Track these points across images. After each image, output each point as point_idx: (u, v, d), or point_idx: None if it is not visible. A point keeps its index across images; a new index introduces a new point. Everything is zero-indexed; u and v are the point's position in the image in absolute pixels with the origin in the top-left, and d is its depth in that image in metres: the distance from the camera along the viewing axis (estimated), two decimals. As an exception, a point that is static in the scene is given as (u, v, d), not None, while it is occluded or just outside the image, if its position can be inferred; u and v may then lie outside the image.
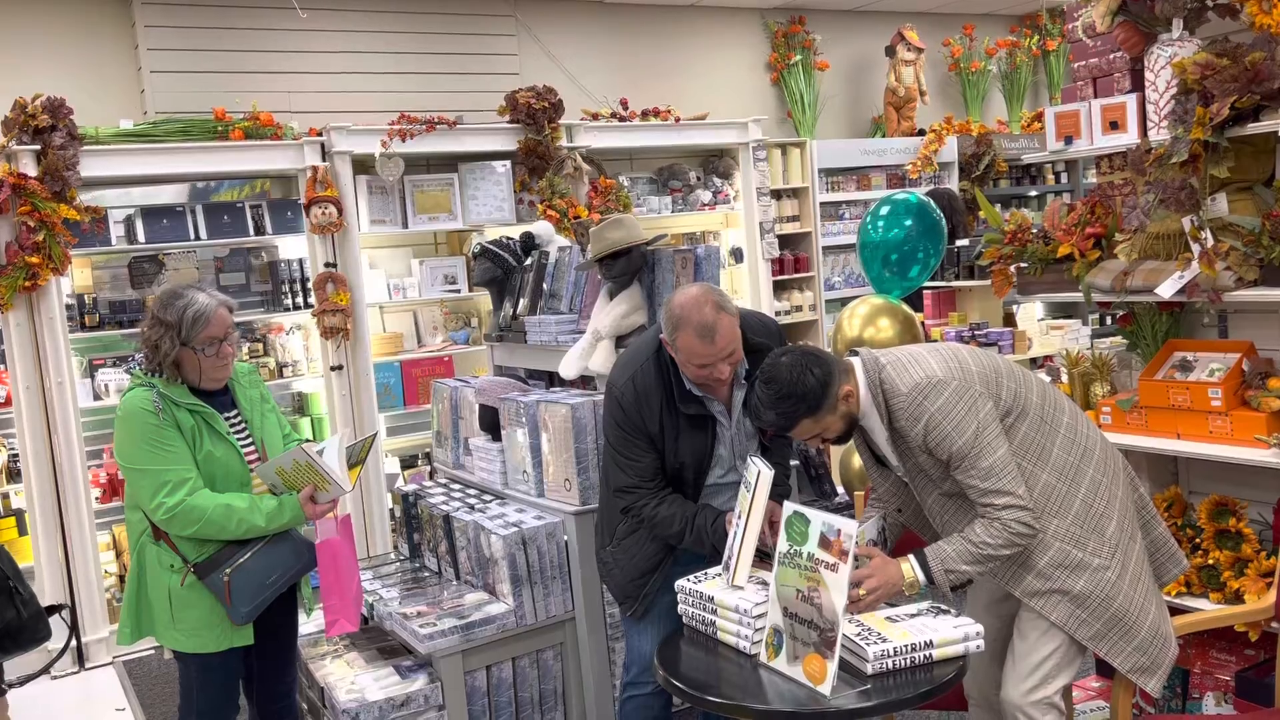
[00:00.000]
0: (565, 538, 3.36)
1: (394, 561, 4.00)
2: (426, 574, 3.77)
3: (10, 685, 2.89)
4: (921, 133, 7.78)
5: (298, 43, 5.89)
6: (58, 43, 5.47)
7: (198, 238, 5.23)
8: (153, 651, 4.82)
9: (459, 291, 5.98)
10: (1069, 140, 3.31)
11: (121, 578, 5.10)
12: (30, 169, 4.68)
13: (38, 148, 4.70)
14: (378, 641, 3.59)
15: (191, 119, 5.23)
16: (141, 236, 5.12)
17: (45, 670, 3.00)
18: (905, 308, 3.61)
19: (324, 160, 5.35)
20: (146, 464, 2.69)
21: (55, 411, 4.73)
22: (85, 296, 5.07)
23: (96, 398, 5.06)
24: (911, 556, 2.37)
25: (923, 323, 4.84)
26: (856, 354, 2.47)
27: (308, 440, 3.05)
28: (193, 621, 2.75)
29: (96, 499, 4.99)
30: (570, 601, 3.37)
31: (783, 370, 2.33)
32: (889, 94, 7.81)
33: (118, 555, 5.16)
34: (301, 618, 3.17)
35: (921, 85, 7.81)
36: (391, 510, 5.36)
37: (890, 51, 7.76)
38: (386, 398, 5.68)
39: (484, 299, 6.03)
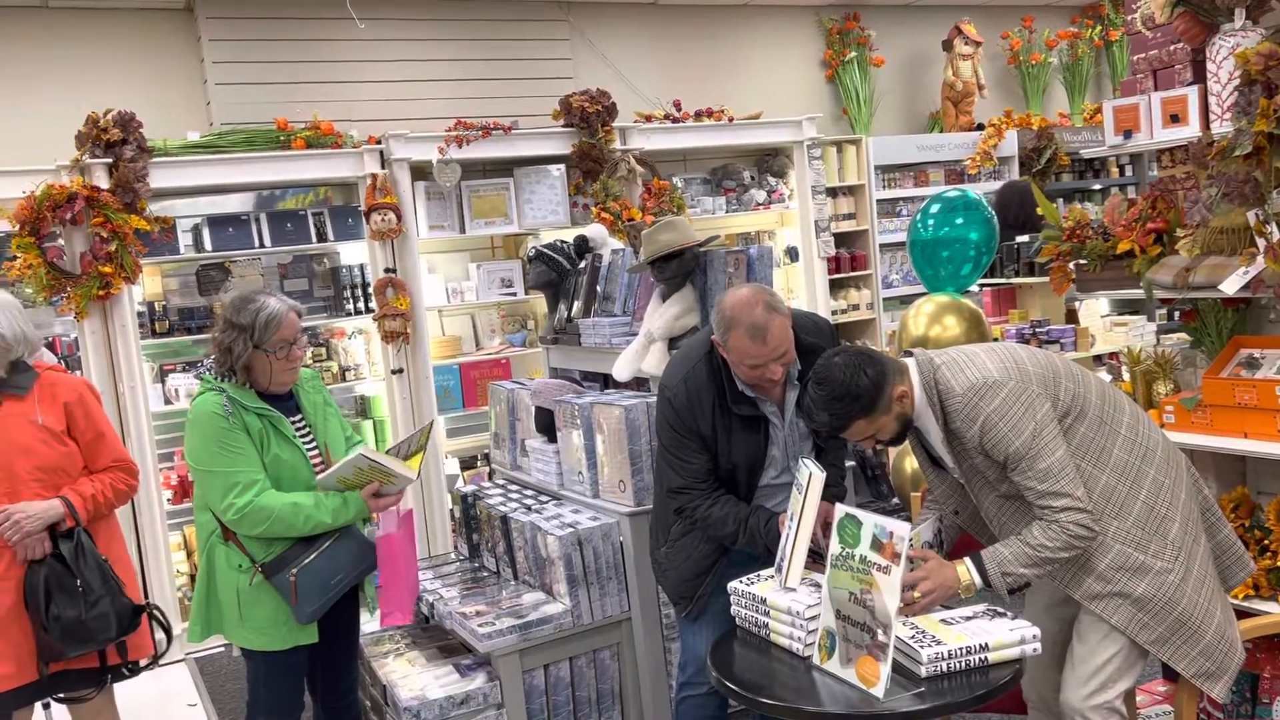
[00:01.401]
0: (620, 538, 3.38)
1: (454, 561, 4.06)
2: (485, 574, 3.83)
3: (125, 674, 3.01)
4: (980, 127, 7.67)
5: (356, 53, 6.01)
6: (126, 58, 5.65)
7: (262, 245, 5.37)
8: (222, 649, 4.95)
9: (515, 294, 6.04)
10: (1128, 134, 3.24)
11: (192, 577, 5.24)
12: (102, 181, 4.85)
13: (109, 161, 4.86)
14: (438, 640, 3.65)
15: (255, 129, 5.38)
16: (209, 245, 5.27)
17: (152, 663, 3.11)
18: (971, 305, 3.57)
19: (383, 168, 5.45)
20: (216, 465, 2.78)
21: (128, 415, 4.89)
22: (155, 304, 5.23)
23: (167, 402, 5.22)
24: (967, 559, 2.35)
25: (982, 320, 4.77)
26: (911, 354, 2.46)
27: (362, 443, 3.14)
28: (260, 620, 2.83)
29: (168, 500, 5.15)
30: (626, 602, 3.40)
31: (836, 371, 2.33)
32: (946, 88, 7.71)
33: (188, 555, 5.31)
34: (364, 617, 3.24)
35: (980, 79, 7.70)
36: (451, 511, 5.46)
37: (947, 46, 7.67)
38: (446, 400, 5.77)
39: (539, 301, 6.09)
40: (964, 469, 2.47)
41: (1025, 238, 5.64)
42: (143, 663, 3.09)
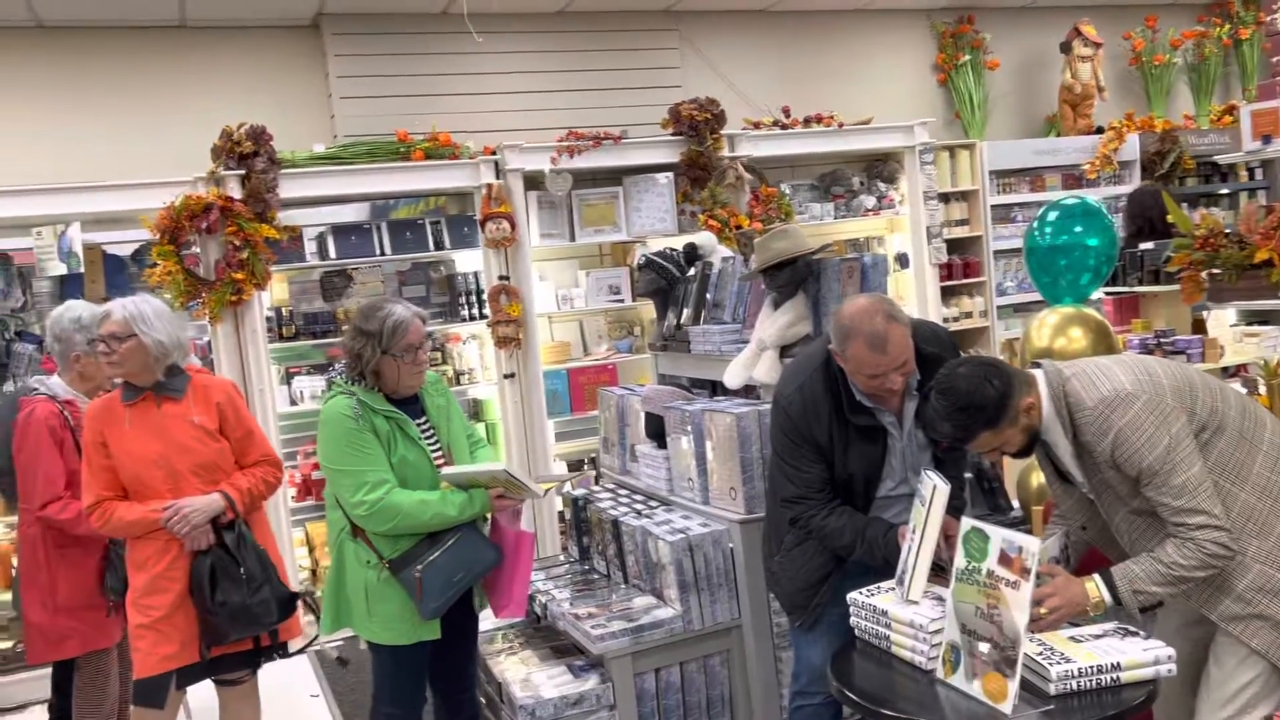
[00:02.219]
0: (731, 545, 3.39)
1: (564, 563, 4.12)
2: (596, 576, 3.88)
3: (283, 655, 3.22)
4: (1100, 130, 7.44)
5: (473, 66, 6.17)
6: (257, 74, 5.93)
7: (383, 253, 5.56)
8: (343, 642, 5.13)
9: (622, 301, 6.11)
10: (1267, 139, 3.12)
11: (314, 571, 5.46)
12: (236, 192, 5.09)
13: (242, 172, 5.10)
14: (550, 640, 3.71)
15: (376, 141, 5.57)
16: (332, 253, 5.48)
17: (306, 648, 3.35)
18: (1098, 316, 3.46)
19: (498, 178, 5.58)
20: (347, 465, 2.90)
21: (257, 416, 5.10)
22: (283, 309, 5.46)
23: (292, 403, 5.44)
24: (1097, 576, 2.29)
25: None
26: (1039, 365, 2.41)
27: (483, 444, 3.27)
28: (387, 615, 2.94)
29: (292, 497, 5.36)
30: (737, 609, 3.40)
31: (960, 381, 2.30)
32: (1064, 91, 7.50)
33: (310, 550, 5.52)
34: (485, 613, 3.33)
35: (1099, 81, 7.47)
36: (561, 513, 5.55)
37: (1065, 47, 7.46)
38: (555, 404, 5.86)
39: (646, 308, 6.14)
40: (1093, 483, 2.41)
41: (1150, 245, 5.45)
42: (291, 646, 3.26)
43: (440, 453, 3.08)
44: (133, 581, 3.08)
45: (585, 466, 6.09)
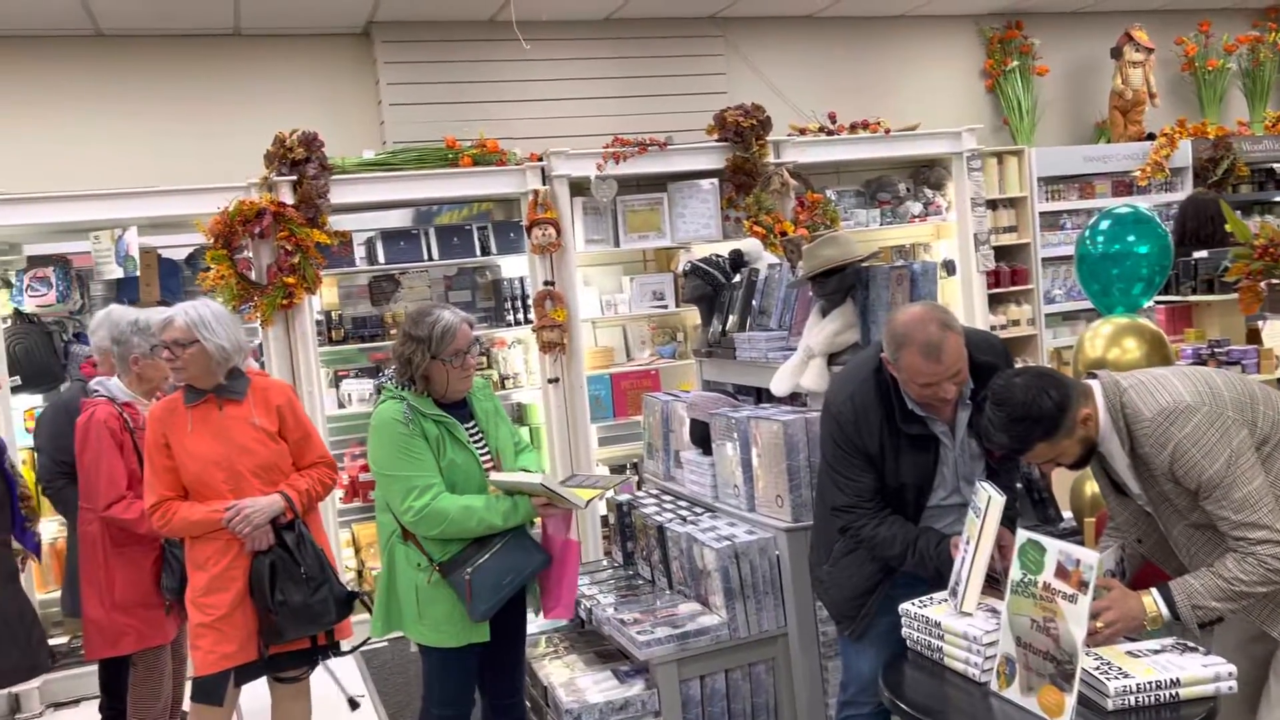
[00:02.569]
0: (777, 553, 3.38)
1: (608, 568, 4.14)
2: (640, 582, 3.88)
3: (331, 654, 3.27)
4: (1151, 137, 7.33)
5: (520, 73, 6.22)
6: (308, 81, 6.02)
7: (430, 258, 5.61)
8: (387, 644, 5.18)
9: (666, 307, 6.12)
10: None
11: (359, 572, 5.52)
12: (287, 198, 5.17)
13: (294, 178, 5.18)
14: (594, 645, 3.73)
15: (425, 147, 5.63)
16: (381, 257, 5.54)
17: (360, 645, 3.39)
18: (1153, 327, 3.41)
19: (544, 184, 5.62)
20: (396, 470, 2.93)
21: (306, 418, 5.18)
22: (332, 313, 5.53)
23: (340, 406, 5.51)
24: (1154, 590, 2.26)
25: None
26: (1095, 376, 2.38)
27: (530, 449, 3.31)
28: (437, 617, 2.97)
29: (340, 499, 5.42)
30: (783, 617, 3.39)
31: (1017, 392, 2.28)
32: (1114, 97, 7.40)
33: (356, 551, 5.58)
34: (532, 617, 3.35)
35: (1151, 87, 7.36)
36: (604, 518, 5.56)
37: (1116, 53, 7.36)
38: (598, 409, 5.88)
39: (689, 314, 6.14)
40: (1151, 496, 2.37)
41: (1204, 253, 5.35)
42: (344, 645, 3.30)
43: (489, 456, 3.11)
44: (192, 581, 3.14)
45: (627, 471, 6.10)
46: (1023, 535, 2.20)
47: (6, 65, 5.52)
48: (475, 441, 3.08)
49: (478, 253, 5.70)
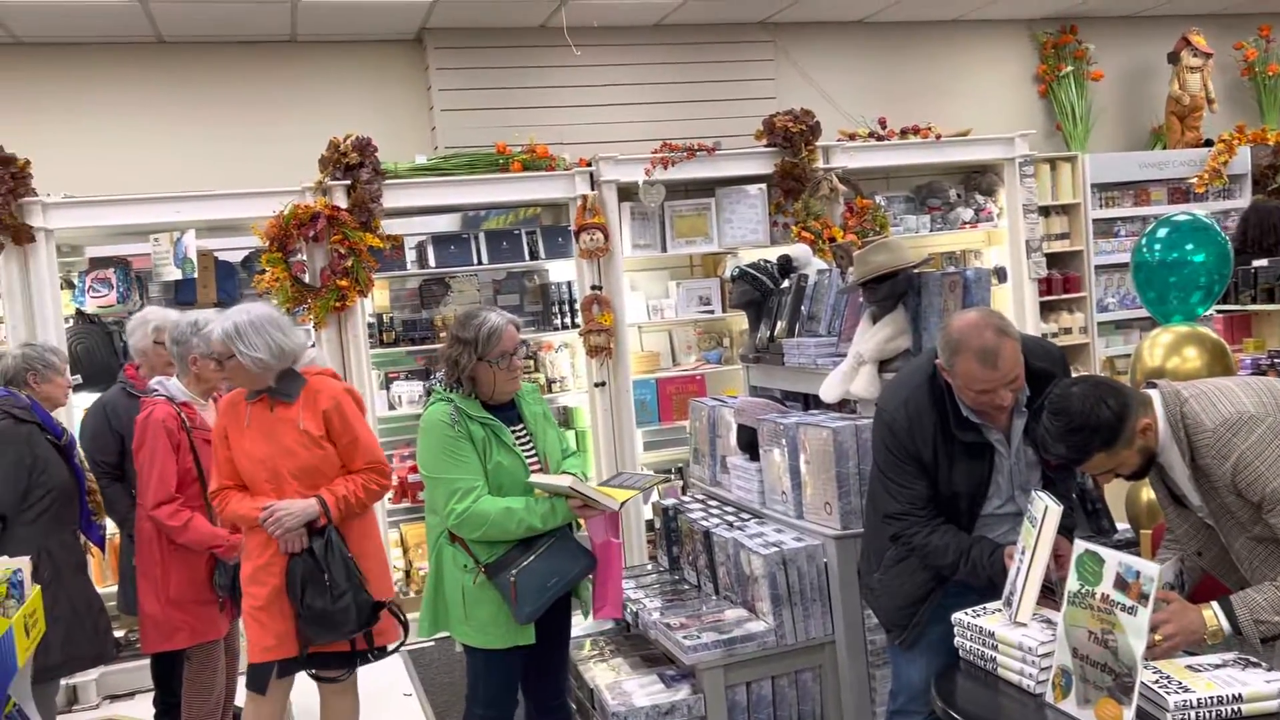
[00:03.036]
0: (825, 560, 3.36)
1: (653, 572, 4.14)
2: (686, 586, 3.88)
3: (371, 658, 3.30)
4: (1209, 143, 7.20)
5: (569, 78, 6.26)
6: (362, 87, 6.10)
7: (479, 262, 5.67)
8: (433, 643, 5.22)
9: (712, 312, 6.12)
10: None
11: (406, 573, 5.57)
12: (341, 202, 5.24)
13: (348, 183, 5.26)
14: (640, 649, 3.73)
15: (476, 153, 5.69)
16: (432, 261, 5.60)
17: (396, 649, 3.41)
18: (1214, 335, 3.34)
19: (592, 189, 5.65)
20: (442, 472, 2.96)
21: (359, 419, 5.25)
22: (383, 316, 5.60)
23: (390, 407, 5.58)
24: (1215, 604, 2.22)
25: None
26: (1154, 385, 2.34)
27: (575, 455, 3.33)
28: (482, 619, 2.99)
29: (389, 500, 5.48)
30: (830, 625, 3.37)
31: (1075, 401, 2.25)
32: (1171, 103, 7.28)
33: (404, 552, 5.64)
34: (576, 620, 3.36)
35: (1209, 92, 7.23)
36: (649, 522, 5.57)
37: (1173, 58, 7.24)
38: (643, 414, 5.90)
39: (736, 319, 6.14)
40: (1212, 508, 2.33)
41: (1264, 261, 5.25)
42: (390, 648, 3.33)
43: (536, 459, 3.13)
44: (244, 569, 3.24)
45: (672, 476, 6.10)
46: (1080, 546, 2.17)
47: (72, 72, 5.67)
48: (522, 444, 3.10)
49: (526, 257, 5.75)
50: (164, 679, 3.94)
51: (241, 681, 3.74)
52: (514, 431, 3.09)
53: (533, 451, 3.13)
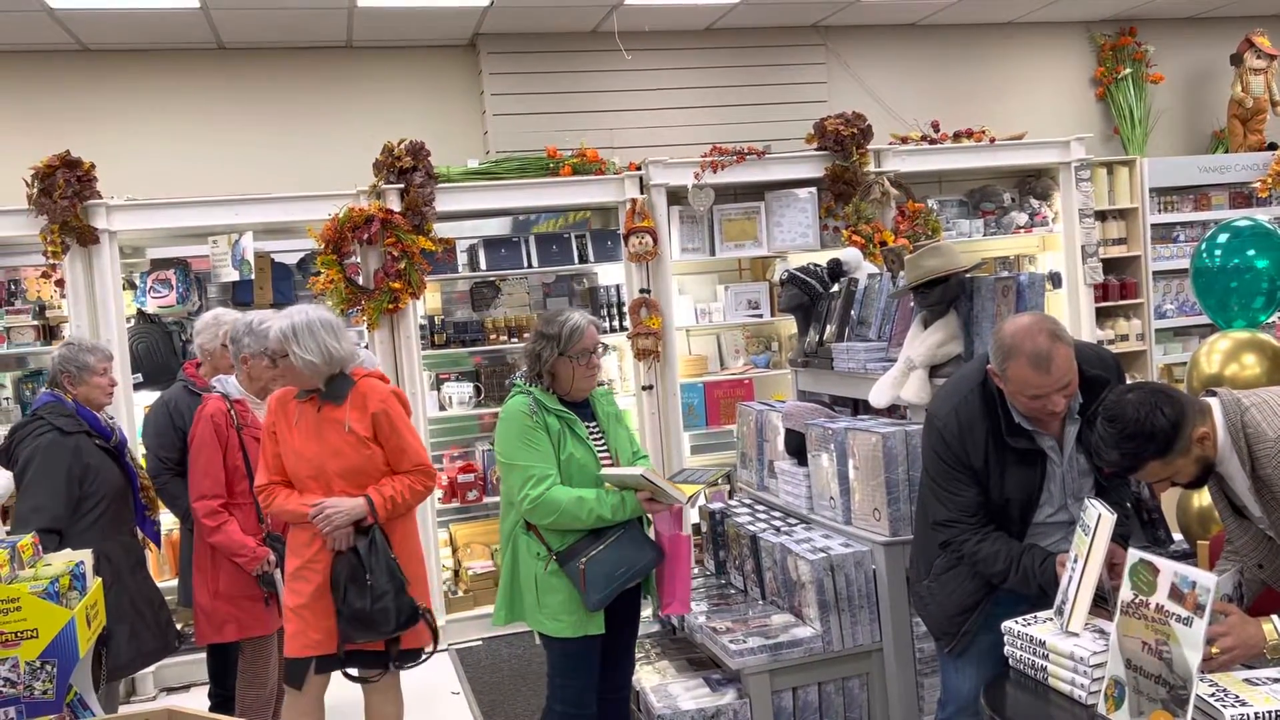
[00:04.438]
0: (874, 567, 3.34)
1: (699, 576, 4.14)
2: (732, 591, 3.88)
3: (412, 663, 3.32)
4: (1273, 147, 7.03)
5: (620, 83, 6.29)
6: (416, 92, 6.19)
7: (530, 265, 5.71)
8: (481, 642, 5.27)
9: (761, 316, 6.10)
10: None
11: (455, 572, 5.63)
12: (395, 205, 5.32)
13: (401, 186, 5.33)
14: (686, 652, 3.74)
15: (527, 157, 5.74)
16: (483, 264, 5.66)
17: (427, 658, 3.38)
18: (1275, 342, 3.27)
19: (641, 193, 5.66)
20: (519, 459, 3.05)
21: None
22: (435, 318, 5.67)
23: (441, 408, 5.64)
24: (1275, 617, 2.17)
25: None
26: (1214, 394, 2.30)
27: (647, 459, 3.37)
28: (555, 606, 3.05)
29: (439, 500, 5.54)
30: (878, 632, 3.36)
31: (1129, 408, 2.21)
32: (1234, 105, 7.11)
33: (453, 551, 5.70)
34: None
35: (1273, 95, 7.07)
36: (696, 525, 5.56)
37: (1236, 60, 7.08)
38: (690, 417, 5.90)
39: (784, 323, 6.12)
40: (1273, 520, 2.28)
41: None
42: (426, 651, 3.35)
43: (607, 454, 3.21)
44: (289, 564, 3.29)
45: (720, 480, 6.08)
46: (1134, 555, 2.14)
47: (135, 78, 5.82)
48: (595, 439, 3.19)
49: (575, 260, 5.78)
50: (218, 673, 4.02)
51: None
52: (588, 427, 3.19)
53: (604, 447, 3.22)
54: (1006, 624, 2.45)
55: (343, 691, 3.38)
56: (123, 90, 5.80)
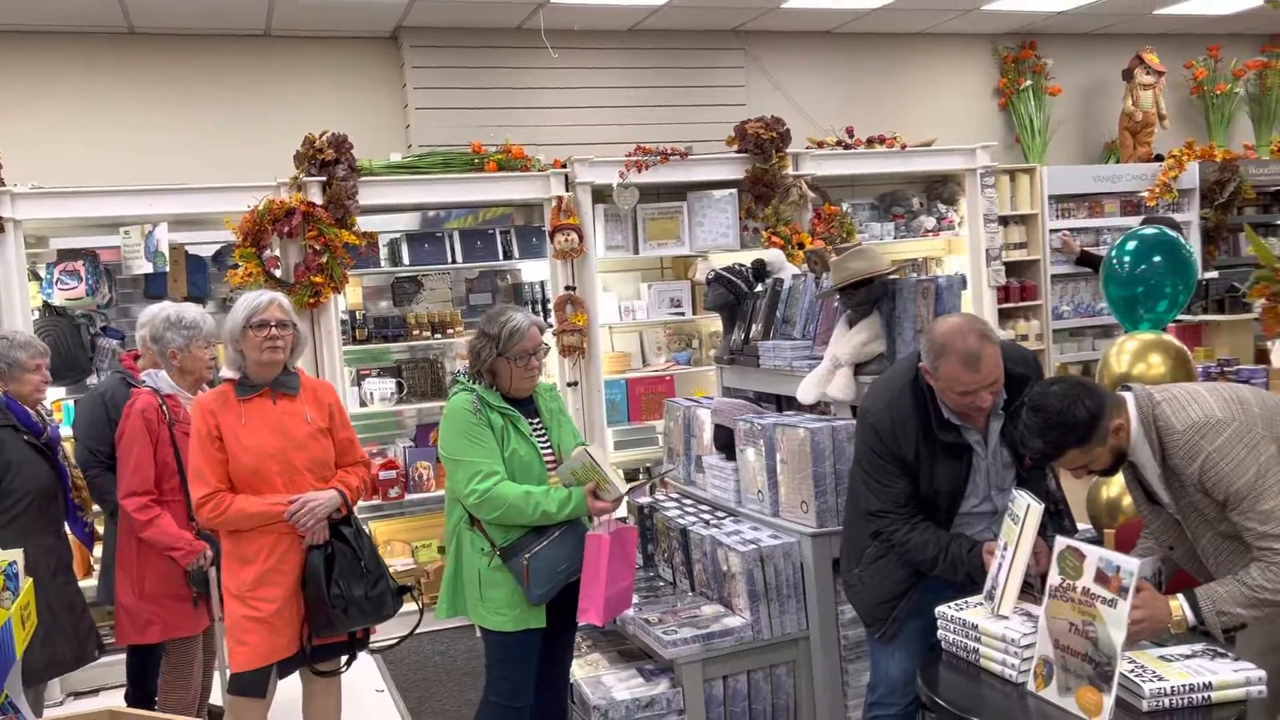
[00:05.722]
0: (801, 558, 3.45)
1: (628, 570, 4.19)
2: (661, 583, 3.95)
3: (381, 648, 3.32)
4: (1159, 158, 7.44)
5: (545, 80, 6.30)
6: (337, 83, 6.09)
7: (453, 261, 5.68)
8: (400, 640, 5.21)
9: (683, 314, 6.19)
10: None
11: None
12: (317, 198, 5.23)
13: (324, 179, 5.24)
14: (617, 644, 3.79)
15: (451, 152, 5.70)
16: (406, 259, 5.60)
17: (407, 638, 3.47)
18: (1178, 343, 3.49)
19: (567, 190, 5.69)
20: (463, 455, 3.04)
21: (330, 416, 5.23)
22: (356, 313, 5.59)
23: (362, 404, 5.56)
24: (1181, 595, 2.34)
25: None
26: (1129, 389, 2.46)
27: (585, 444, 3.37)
28: (497, 600, 3.06)
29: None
30: (805, 621, 3.46)
31: (1053, 399, 2.36)
32: (1125, 118, 7.51)
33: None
34: None
35: (1161, 109, 7.48)
36: (623, 519, 5.62)
37: (1128, 75, 7.48)
38: (614, 413, 5.95)
39: (706, 321, 6.23)
40: (1181, 506, 2.45)
41: (1214, 274, 5.46)
42: (373, 639, 3.36)
43: (550, 451, 3.22)
44: (239, 575, 3.11)
45: (658, 469, 6.15)
46: (1062, 542, 2.28)
47: (40, 60, 5.58)
48: (538, 436, 3.20)
49: (500, 256, 5.77)
50: (137, 675, 3.92)
51: (216, 679, 3.74)
52: (531, 423, 3.19)
53: (548, 443, 3.23)
54: (940, 609, 2.57)
55: (280, 692, 3.33)
56: (27, 73, 5.57)
